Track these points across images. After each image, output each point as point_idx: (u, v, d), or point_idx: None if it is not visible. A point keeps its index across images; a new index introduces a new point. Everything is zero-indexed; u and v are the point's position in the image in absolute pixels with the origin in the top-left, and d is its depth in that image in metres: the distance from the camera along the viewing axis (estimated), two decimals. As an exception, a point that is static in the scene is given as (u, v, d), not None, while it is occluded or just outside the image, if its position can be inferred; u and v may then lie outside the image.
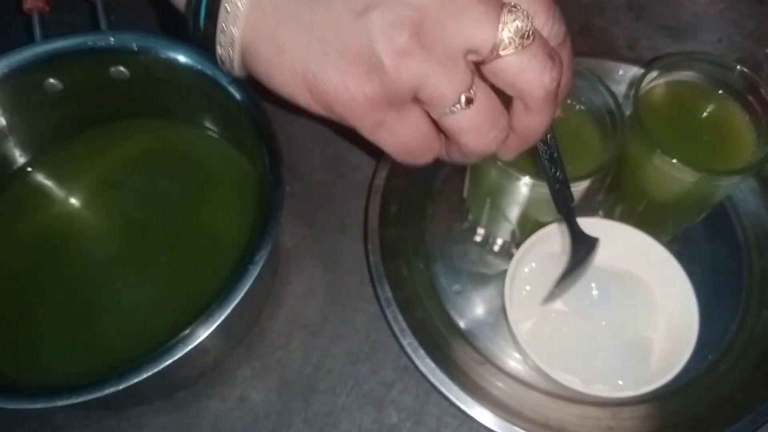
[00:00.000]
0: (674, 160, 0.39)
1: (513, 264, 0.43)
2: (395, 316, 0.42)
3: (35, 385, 0.37)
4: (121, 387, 0.33)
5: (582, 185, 0.41)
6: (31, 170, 0.47)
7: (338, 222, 0.49)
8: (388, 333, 0.44)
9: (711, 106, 0.43)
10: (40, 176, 0.47)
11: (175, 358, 0.34)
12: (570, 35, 0.26)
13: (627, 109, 0.41)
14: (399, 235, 0.47)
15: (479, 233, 0.49)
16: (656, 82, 0.43)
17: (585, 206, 0.47)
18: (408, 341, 0.42)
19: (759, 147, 0.41)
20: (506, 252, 0.49)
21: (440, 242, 0.49)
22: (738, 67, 0.42)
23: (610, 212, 0.49)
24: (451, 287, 0.47)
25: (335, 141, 0.52)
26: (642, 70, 0.42)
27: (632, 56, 0.57)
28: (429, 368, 0.41)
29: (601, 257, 0.44)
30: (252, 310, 0.45)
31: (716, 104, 0.43)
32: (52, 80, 0.44)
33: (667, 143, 0.39)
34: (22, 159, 0.47)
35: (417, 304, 0.45)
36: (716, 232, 0.49)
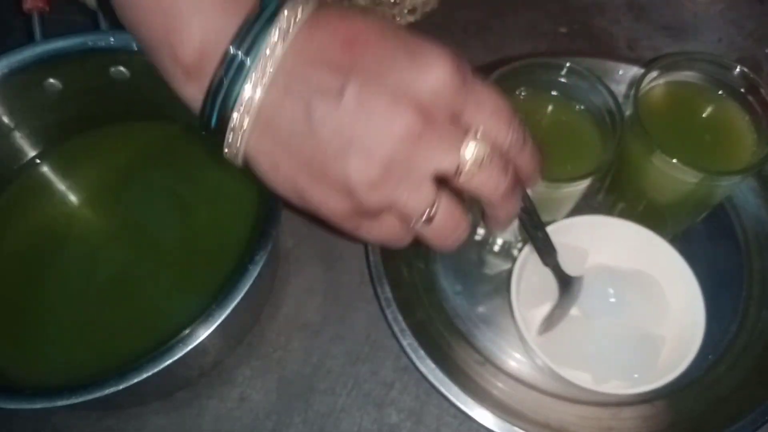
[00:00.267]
0: (674, 161, 0.39)
1: (517, 267, 0.43)
2: (395, 316, 0.42)
3: (35, 385, 0.37)
4: (121, 387, 0.33)
5: (582, 185, 0.41)
6: (31, 170, 0.47)
7: (338, 222, 0.49)
8: (388, 333, 0.44)
9: (711, 107, 0.43)
10: (40, 176, 0.47)
11: (175, 358, 0.34)
12: (529, 137, 0.30)
13: (627, 109, 0.41)
14: (399, 235, 0.47)
15: (479, 233, 0.49)
16: (656, 82, 0.43)
17: (585, 206, 0.47)
18: (408, 341, 0.42)
19: (759, 147, 0.41)
20: (506, 252, 0.49)
21: (440, 242, 0.49)
22: (738, 67, 0.42)
23: (610, 212, 0.49)
24: (452, 287, 0.47)
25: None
26: (642, 70, 0.42)
27: (632, 56, 0.57)
28: (429, 368, 0.41)
29: (612, 258, 0.44)
30: (252, 310, 0.45)
31: (716, 104, 0.43)
32: (52, 80, 0.43)
33: (667, 143, 0.39)
34: (23, 159, 0.47)
35: (417, 304, 0.45)
36: (716, 232, 0.49)
